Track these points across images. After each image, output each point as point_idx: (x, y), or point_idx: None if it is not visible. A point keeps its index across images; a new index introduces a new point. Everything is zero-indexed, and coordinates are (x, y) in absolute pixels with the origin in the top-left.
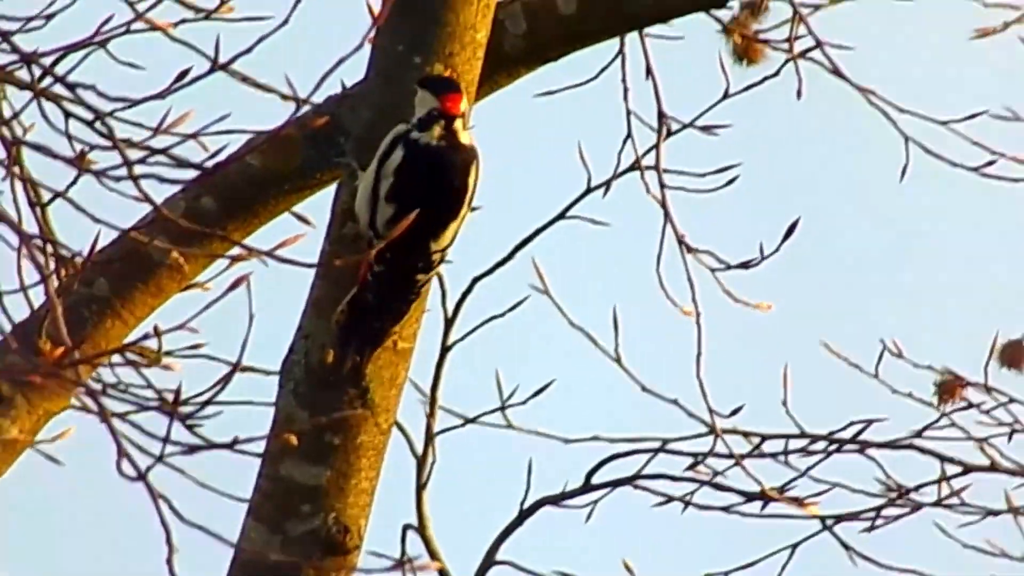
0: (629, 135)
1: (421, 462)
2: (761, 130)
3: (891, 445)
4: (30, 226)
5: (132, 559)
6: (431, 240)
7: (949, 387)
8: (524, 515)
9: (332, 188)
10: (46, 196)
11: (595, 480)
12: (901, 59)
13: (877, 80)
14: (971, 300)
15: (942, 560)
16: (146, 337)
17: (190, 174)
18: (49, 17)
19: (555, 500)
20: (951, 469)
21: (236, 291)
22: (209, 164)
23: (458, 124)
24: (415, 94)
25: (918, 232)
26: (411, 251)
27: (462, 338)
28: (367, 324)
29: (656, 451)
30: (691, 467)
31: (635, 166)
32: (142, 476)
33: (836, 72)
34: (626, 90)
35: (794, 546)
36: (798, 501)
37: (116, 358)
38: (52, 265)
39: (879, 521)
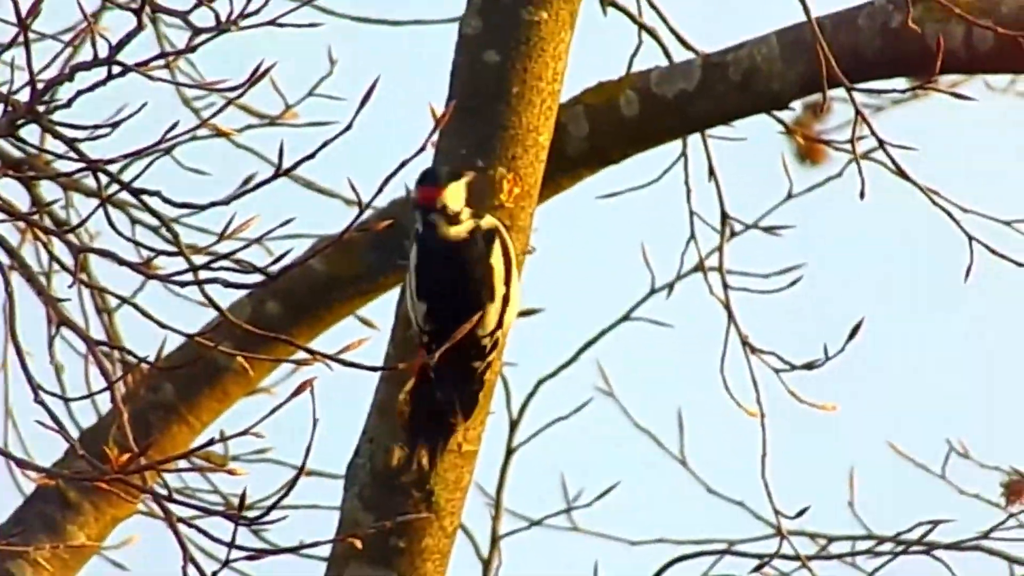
0: (692, 236)
1: (487, 565)
2: (824, 230)
3: (958, 547)
4: (97, 332)
5: None
6: (476, 328)
7: (1016, 487)
8: None
9: (396, 291)
10: (112, 302)
11: None
12: (964, 158)
13: (940, 180)
14: None
15: None
16: (212, 442)
17: (255, 279)
18: (115, 125)
19: None
20: (1019, 570)
21: (301, 396)
22: (273, 269)
23: (436, 218)
24: (480, 197)
25: (983, 332)
26: (460, 343)
27: (527, 440)
28: (437, 422)
29: (722, 553)
30: (757, 568)
31: (698, 267)
32: None
33: (899, 172)
34: (689, 191)
35: None
36: None
37: (182, 463)
38: (119, 371)
39: None
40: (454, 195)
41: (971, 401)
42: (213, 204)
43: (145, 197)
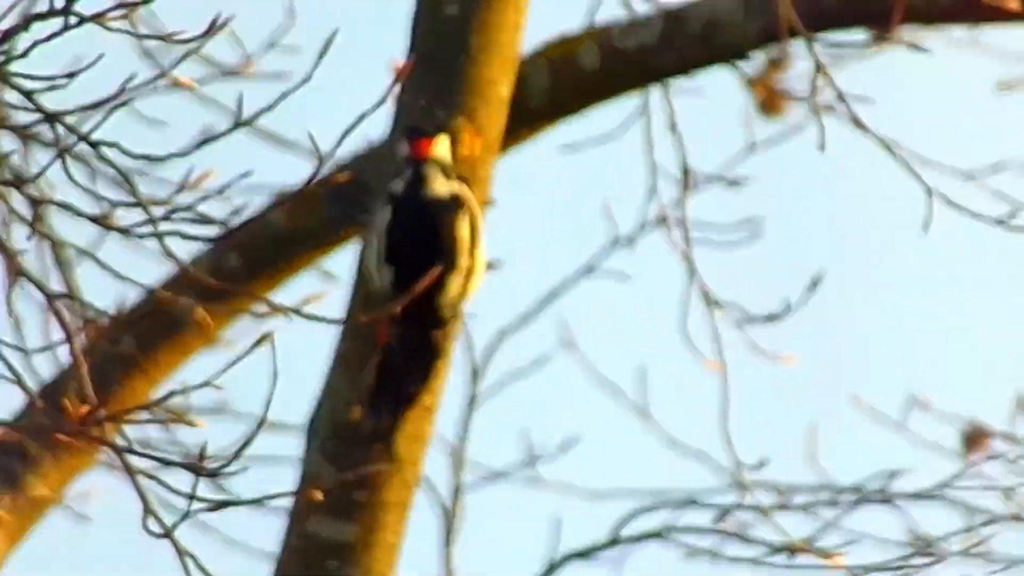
0: (654, 189)
1: (449, 517)
2: (785, 183)
3: (918, 496)
4: (56, 285)
5: None
6: (437, 296)
7: (975, 438)
8: (552, 570)
9: (356, 244)
10: (71, 255)
11: (623, 534)
12: (924, 111)
13: (900, 132)
14: (996, 351)
15: None
16: (171, 395)
17: (214, 231)
18: (73, 75)
19: (583, 554)
20: (978, 519)
21: (261, 348)
22: (233, 221)
23: (429, 170)
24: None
25: (942, 284)
26: (421, 310)
27: (489, 393)
28: (397, 387)
29: (684, 504)
30: (718, 520)
31: (660, 220)
32: (168, 533)
33: (859, 124)
34: (650, 144)
35: None
36: (825, 553)
37: (142, 416)
38: (78, 324)
39: (906, 572)
40: (444, 148)
41: (930, 352)
42: (172, 156)
43: (104, 148)
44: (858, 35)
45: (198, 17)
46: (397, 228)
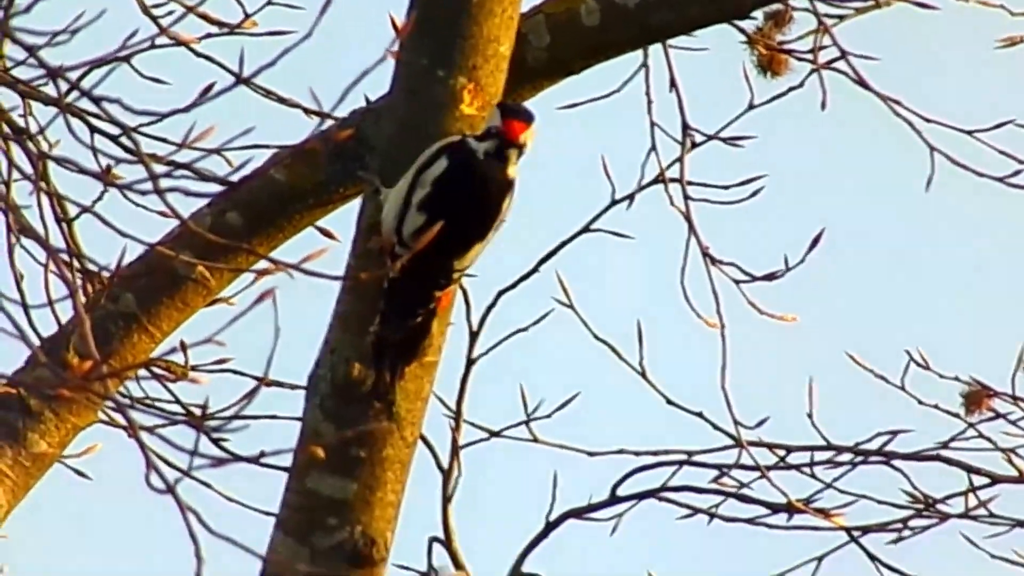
0: (653, 147)
1: (447, 475)
2: (786, 142)
3: (917, 456)
4: (57, 241)
5: (161, 572)
6: (454, 258)
7: (975, 398)
8: (550, 528)
9: (357, 202)
10: (72, 211)
11: (620, 493)
12: (926, 69)
13: (902, 90)
14: (997, 310)
15: (969, 571)
16: (172, 351)
17: (215, 188)
18: (74, 32)
19: (580, 513)
20: (978, 480)
21: (262, 305)
22: (234, 178)
23: (512, 153)
24: (440, 107)
25: (944, 243)
26: (432, 266)
27: (487, 352)
28: (394, 340)
29: (681, 463)
30: (716, 479)
31: (659, 178)
32: (170, 489)
33: (861, 83)
34: (650, 102)
35: (820, 558)
36: (824, 513)
37: (143, 372)
38: (79, 280)
39: (906, 532)
40: (531, 136)
41: (932, 311)
42: (173, 112)
43: (105, 105)
44: None
45: None
46: (450, 185)
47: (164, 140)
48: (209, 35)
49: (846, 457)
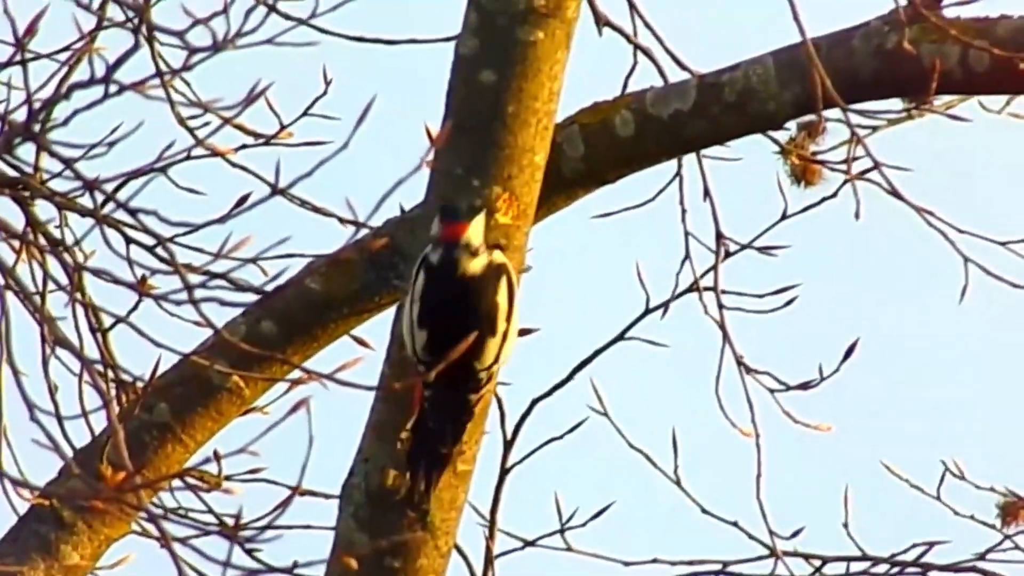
0: (687, 256)
1: None
2: (819, 251)
3: (954, 568)
4: (91, 352)
5: None
6: (474, 360)
7: (1012, 509)
8: None
9: (391, 311)
10: (107, 321)
11: None
12: (960, 179)
13: (935, 200)
14: None
15: None
16: (206, 461)
17: (250, 298)
18: (111, 144)
19: None
20: None
21: (296, 415)
22: (269, 288)
23: (460, 253)
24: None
25: (978, 353)
26: (457, 373)
27: (521, 460)
28: (430, 449)
29: (717, 574)
30: None
31: (693, 287)
32: None
33: (894, 193)
34: (684, 211)
35: None
36: None
37: (177, 483)
38: (113, 390)
39: None
40: (476, 230)
41: (967, 422)
42: (209, 223)
43: (141, 216)
44: (894, 104)
45: (235, 85)
46: (431, 295)
47: (199, 250)
48: (245, 146)
49: (882, 568)
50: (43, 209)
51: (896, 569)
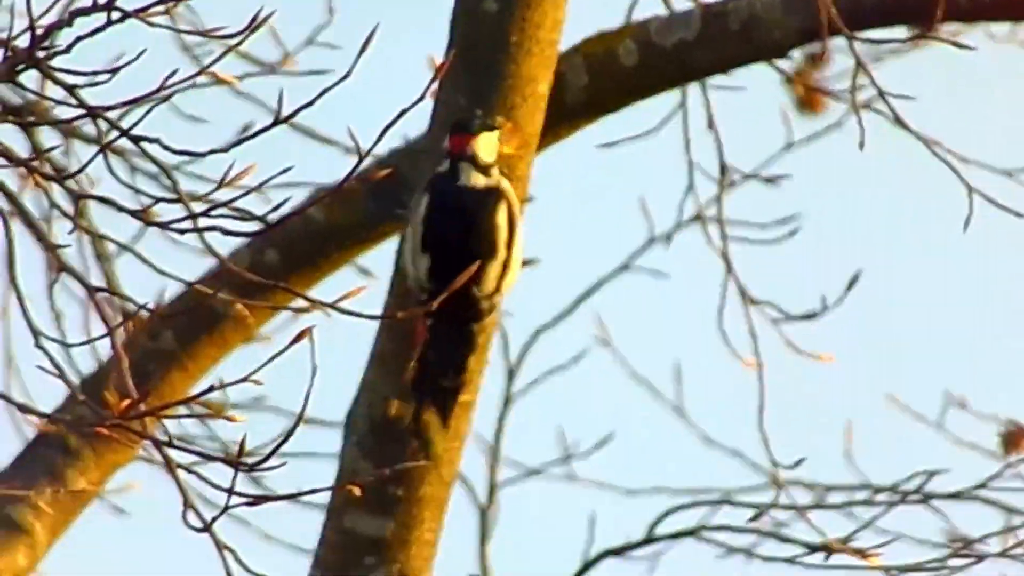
0: (691, 186)
1: (485, 514)
2: (823, 181)
3: (955, 496)
4: (96, 279)
5: None
6: (474, 287)
7: (1013, 437)
8: (587, 567)
9: (394, 241)
10: (112, 250)
11: (658, 532)
12: (965, 108)
13: (940, 130)
14: None
15: None
16: (211, 389)
17: (254, 227)
18: (115, 71)
19: (618, 552)
20: (1016, 520)
21: (300, 343)
22: (273, 217)
23: (463, 165)
24: None
25: (982, 282)
26: (457, 301)
27: (525, 389)
28: (434, 381)
29: (719, 503)
30: (754, 519)
31: (697, 217)
32: (207, 527)
33: (899, 122)
34: (688, 141)
35: None
36: (862, 552)
37: (181, 410)
38: (118, 318)
39: (943, 572)
40: (487, 145)
41: (969, 351)
42: (212, 151)
43: (145, 144)
44: (899, 32)
45: (238, 13)
46: (434, 216)
47: (203, 179)
48: (249, 74)
49: (884, 497)
50: (47, 136)
51: (898, 498)
